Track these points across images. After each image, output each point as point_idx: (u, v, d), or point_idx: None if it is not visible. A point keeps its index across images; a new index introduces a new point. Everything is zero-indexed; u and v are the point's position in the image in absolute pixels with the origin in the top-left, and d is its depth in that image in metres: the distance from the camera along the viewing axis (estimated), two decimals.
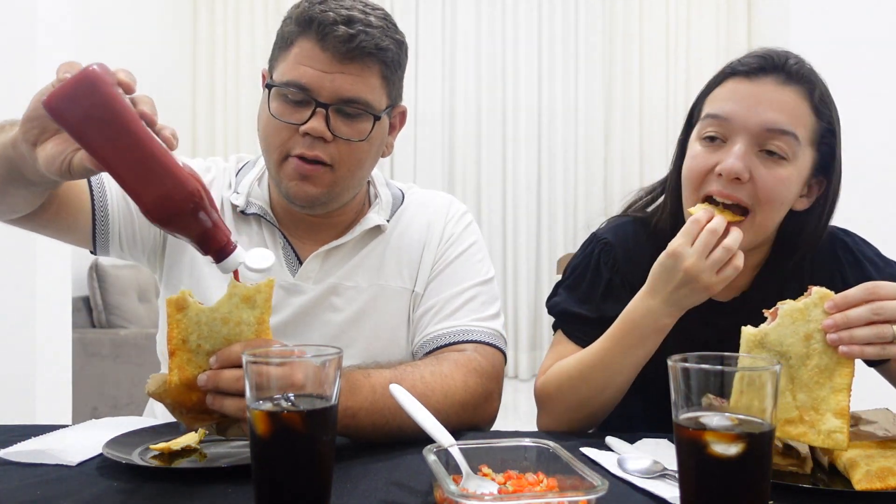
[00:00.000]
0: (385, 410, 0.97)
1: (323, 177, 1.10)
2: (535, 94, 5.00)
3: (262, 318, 0.89)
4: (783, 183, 1.03)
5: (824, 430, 0.83)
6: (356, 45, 1.06)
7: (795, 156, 1.03)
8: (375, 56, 1.08)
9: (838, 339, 0.83)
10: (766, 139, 1.02)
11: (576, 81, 5.02)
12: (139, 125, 0.76)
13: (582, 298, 1.19)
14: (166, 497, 0.80)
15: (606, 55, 5.03)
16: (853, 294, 0.85)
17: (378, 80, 1.10)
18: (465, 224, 1.28)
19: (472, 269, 1.23)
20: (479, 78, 5.00)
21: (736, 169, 1.01)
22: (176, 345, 0.86)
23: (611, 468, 0.89)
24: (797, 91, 1.04)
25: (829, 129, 1.06)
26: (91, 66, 0.75)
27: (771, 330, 0.86)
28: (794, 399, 0.85)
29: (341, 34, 1.05)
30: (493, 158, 5.01)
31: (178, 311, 0.86)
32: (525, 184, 5.00)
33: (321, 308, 1.18)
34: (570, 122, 5.02)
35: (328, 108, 1.07)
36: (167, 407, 0.90)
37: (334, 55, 1.06)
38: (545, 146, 5.02)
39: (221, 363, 0.85)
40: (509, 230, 4.99)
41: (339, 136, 1.08)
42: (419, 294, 1.22)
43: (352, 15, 1.07)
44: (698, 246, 0.98)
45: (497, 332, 1.19)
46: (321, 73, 1.06)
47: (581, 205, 5.03)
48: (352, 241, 1.20)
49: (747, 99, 1.04)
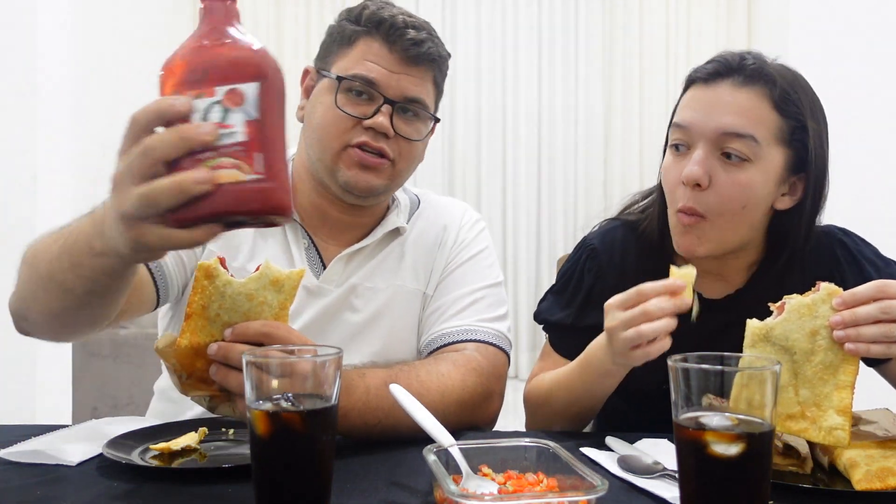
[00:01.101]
0: (378, 411, 0.98)
1: (385, 169, 1.14)
2: (535, 94, 5.00)
3: (284, 304, 0.90)
4: (742, 186, 1.03)
5: (825, 427, 0.83)
6: (424, 50, 1.13)
7: (757, 157, 1.04)
8: (436, 63, 1.16)
9: (845, 336, 0.83)
10: (724, 143, 1.04)
11: (576, 82, 5.01)
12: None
13: (564, 305, 1.23)
14: (166, 497, 0.80)
15: (606, 56, 5.03)
16: (862, 291, 0.84)
17: (432, 86, 1.18)
18: (479, 230, 1.31)
19: (481, 272, 1.25)
20: (479, 78, 4.99)
21: (693, 175, 1.03)
22: (195, 309, 0.86)
23: (611, 468, 0.89)
24: (755, 92, 1.05)
25: (800, 126, 1.06)
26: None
27: (777, 324, 0.86)
28: (796, 395, 0.85)
29: (412, 37, 1.12)
30: (493, 159, 5.01)
31: (206, 278, 0.86)
32: (525, 184, 5.00)
33: (341, 309, 1.19)
34: (569, 123, 5.02)
35: (395, 105, 1.12)
36: (169, 368, 0.89)
37: (402, 57, 1.12)
38: (545, 146, 5.02)
39: (236, 336, 0.85)
40: (509, 230, 4.99)
41: (400, 133, 1.13)
42: (429, 295, 1.24)
43: (419, 23, 1.16)
44: (624, 317, 0.94)
45: (501, 333, 1.20)
46: (388, 72, 1.12)
47: (581, 205, 5.02)
48: (373, 243, 1.22)
49: (704, 105, 1.06)
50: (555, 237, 5.02)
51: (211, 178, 0.66)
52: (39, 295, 0.89)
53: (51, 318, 0.92)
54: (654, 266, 1.17)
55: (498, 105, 5.00)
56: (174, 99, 0.67)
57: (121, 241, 0.71)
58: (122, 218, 0.69)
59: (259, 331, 0.86)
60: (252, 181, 0.67)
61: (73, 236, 0.80)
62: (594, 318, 1.12)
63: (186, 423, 1.04)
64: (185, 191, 0.65)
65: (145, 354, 3.05)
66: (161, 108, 0.67)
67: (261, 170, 0.68)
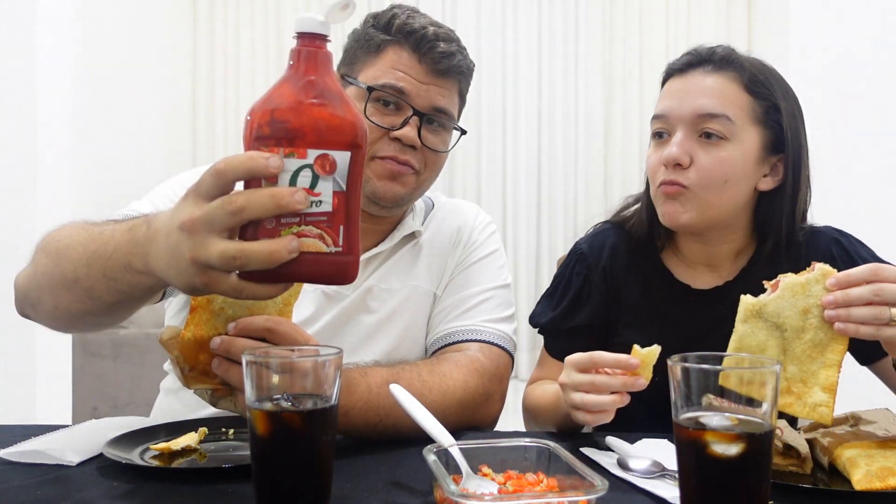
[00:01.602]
0: (379, 410, 0.98)
1: (410, 179, 1.15)
2: (535, 94, 5.00)
3: (288, 301, 0.90)
4: (723, 162, 1.09)
5: (810, 403, 0.85)
6: (455, 63, 1.14)
7: (734, 135, 1.10)
8: (464, 76, 1.18)
9: (836, 315, 0.85)
10: (701, 124, 1.10)
11: (576, 82, 5.01)
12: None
13: (554, 307, 1.27)
14: (166, 497, 0.80)
15: (606, 55, 5.03)
16: (856, 273, 0.86)
17: (458, 98, 1.20)
18: (490, 233, 1.32)
19: (490, 273, 1.26)
20: (480, 79, 4.99)
21: (673, 155, 1.10)
22: (199, 302, 0.86)
23: (611, 468, 0.89)
24: (726, 76, 1.12)
25: (772, 106, 1.12)
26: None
27: (770, 301, 0.87)
28: (784, 370, 0.86)
29: (442, 50, 1.13)
30: (493, 159, 5.01)
31: None
32: (525, 184, 5.00)
33: (357, 311, 1.20)
34: (569, 123, 5.02)
35: (423, 116, 1.13)
36: (172, 360, 0.89)
37: (431, 68, 1.13)
38: (545, 146, 5.01)
39: (239, 331, 0.85)
40: (509, 230, 4.99)
41: (426, 145, 1.15)
42: (438, 295, 1.25)
43: (448, 34, 1.16)
44: (576, 379, 0.95)
45: (506, 334, 1.20)
46: (418, 82, 1.12)
47: (581, 205, 5.03)
48: (390, 247, 1.23)
49: (679, 93, 1.13)
50: (555, 237, 5.02)
51: (300, 248, 0.66)
52: (61, 293, 0.88)
53: (66, 315, 0.91)
54: (643, 261, 1.24)
55: (498, 105, 5.00)
56: (268, 158, 0.66)
57: (183, 278, 0.70)
58: (197, 263, 0.68)
59: (262, 326, 0.86)
60: (333, 254, 0.68)
61: (108, 248, 0.80)
62: (581, 319, 1.23)
63: (186, 423, 1.04)
64: (277, 260, 0.65)
65: (145, 354, 3.05)
66: (254, 167, 0.66)
67: (341, 243, 0.68)
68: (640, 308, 1.22)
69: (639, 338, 1.21)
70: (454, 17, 4.99)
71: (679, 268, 1.23)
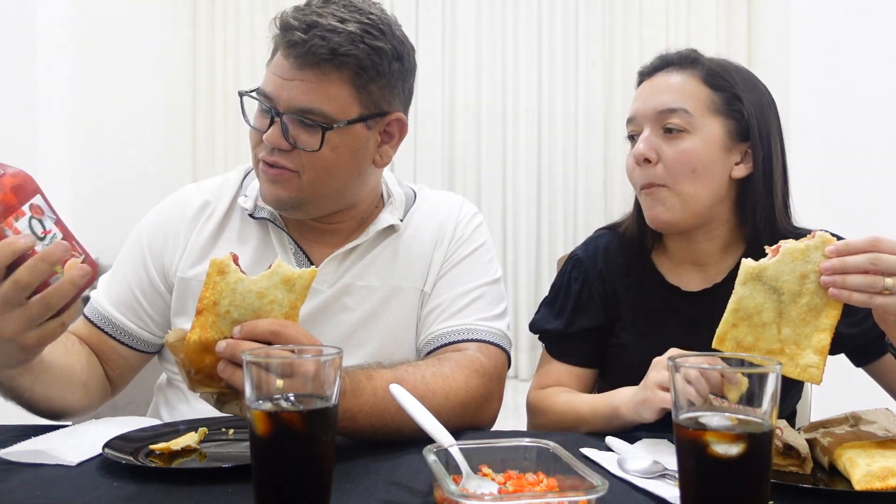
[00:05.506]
0: (385, 413, 0.97)
1: (289, 181, 1.10)
2: (535, 94, 4.99)
3: (294, 304, 0.90)
4: (685, 153, 1.14)
5: (801, 364, 0.87)
6: (307, 50, 1.03)
7: (694, 127, 1.14)
8: (332, 62, 1.04)
9: (831, 281, 0.86)
10: (663, 120, 1.16)
11: (576, 81, 5.01)
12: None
13: (556, 313, 1.29)
14: (166, 497, 0.80)
15: (606, 56, 5.02)
16: (855, 242, 0.87)
17: (342, 88, 1.06)
18: (476, 225, 1.28)
19: (480, 269, 1.24)
20: (480, 79, 4.99)
21: (640, 151, 1.16)
22: (205, 305, 0.86)
23: (611, 468, 0.89)
24: (683, 73, 1.18)
25: (733, 96, 1.16)
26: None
27: (770, 265, 0.89)
28: (779, 332, 0.88)
29: (296, 40, 1.03)
30: (494, 159, 5.01)
31: (218, 273, 0.86)
32: (525, 184, 4.99)
33: (333, 309, 1.18)
34: (569, 123, 5.01)
35: (282, 116, 1.06)
36: (178, 362, 0.89)
37: (294, 62, 1.05)
38: (545, 146, 5.01)
39: (245, 334, 0.85)
40: (509, 230, 4.99)
41: (296, 145, 1.07)
42: (427, 293, 1.22)
43: (316, 21, 1.04)
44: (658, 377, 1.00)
45: (501, 332, 1.19)
46: (282, 80, 1.06)
47: (581, 205, 5.02)
48: (367, 241, 1.20)
49: (645, 94, 1.20)
50: (555, 237, 5.02)
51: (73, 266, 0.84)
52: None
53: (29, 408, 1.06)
54: (635, 264, 1.27)
55: (498, 104, 5.00)
56: (18, 237, 0.82)
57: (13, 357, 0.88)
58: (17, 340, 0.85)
59: (268, 329, 0.86)
60: (84, 260, 0.87)
61: None
62: (585, 322, 1.26)
63: (186, 423, 1.04)
64: (78, 286, 0.84)
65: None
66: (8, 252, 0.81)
67: (79, 249, 0.87)
68: (635, 310, 1.24)
69: (633, 340, 1.23)
70: (454, 18, 4.99)
71: (668, 269, 1.25)
